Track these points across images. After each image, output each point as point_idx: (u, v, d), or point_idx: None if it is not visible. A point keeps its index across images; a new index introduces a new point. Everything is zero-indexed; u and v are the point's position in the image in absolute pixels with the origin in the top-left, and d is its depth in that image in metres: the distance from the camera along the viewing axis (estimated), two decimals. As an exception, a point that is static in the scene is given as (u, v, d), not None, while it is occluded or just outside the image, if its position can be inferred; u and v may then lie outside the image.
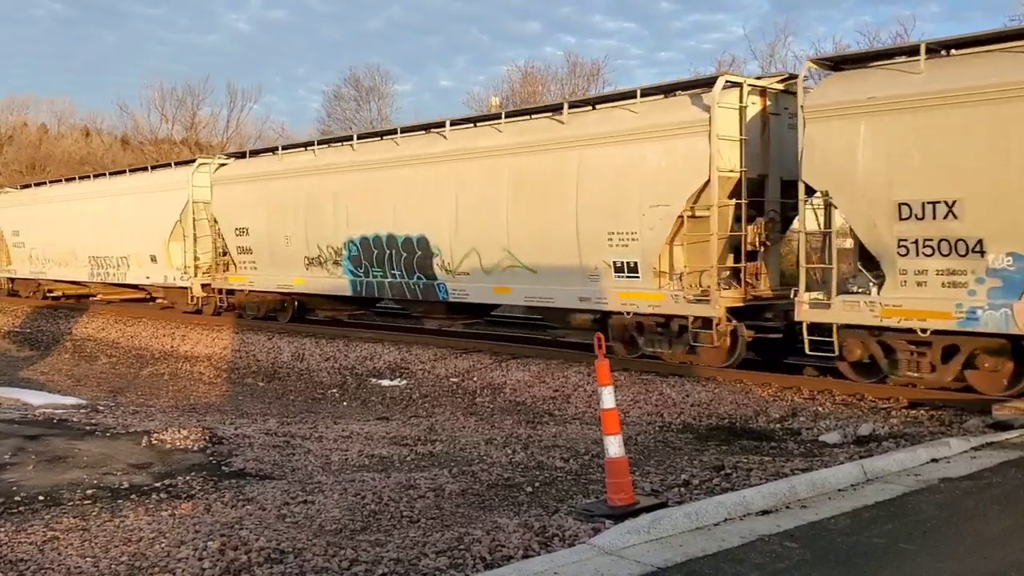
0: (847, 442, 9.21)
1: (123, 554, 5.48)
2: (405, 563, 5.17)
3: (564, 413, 12.26)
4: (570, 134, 14.21)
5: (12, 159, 57.26)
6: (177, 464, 8.23)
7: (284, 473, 8.02)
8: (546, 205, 14.45)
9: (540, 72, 47.04)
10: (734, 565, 4.73)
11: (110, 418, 11.13)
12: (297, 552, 5.40)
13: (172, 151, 51.91)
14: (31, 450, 8.56)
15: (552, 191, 14.35)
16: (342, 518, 6.29)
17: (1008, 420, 9.06)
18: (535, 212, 14.66)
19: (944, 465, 7.00)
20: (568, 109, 14.57)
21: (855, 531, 5.33)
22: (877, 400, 10.79)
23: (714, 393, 11.82)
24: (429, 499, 6.83)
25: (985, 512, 5.86)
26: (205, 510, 6.62)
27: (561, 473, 7.83)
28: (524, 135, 15.05)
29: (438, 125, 16.94)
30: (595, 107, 14.58)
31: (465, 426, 11.27)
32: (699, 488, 6.84)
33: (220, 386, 17.09)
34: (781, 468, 7.34)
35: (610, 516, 5.79)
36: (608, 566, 4.73)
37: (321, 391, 15.69)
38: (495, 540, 5.48)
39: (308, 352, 17.87)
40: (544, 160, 14.58)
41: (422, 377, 15.24)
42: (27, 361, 21.20)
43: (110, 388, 17.05)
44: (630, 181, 13.30)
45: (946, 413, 9.98)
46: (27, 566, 5.29)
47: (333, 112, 55.24)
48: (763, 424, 10.59)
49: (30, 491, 7.15)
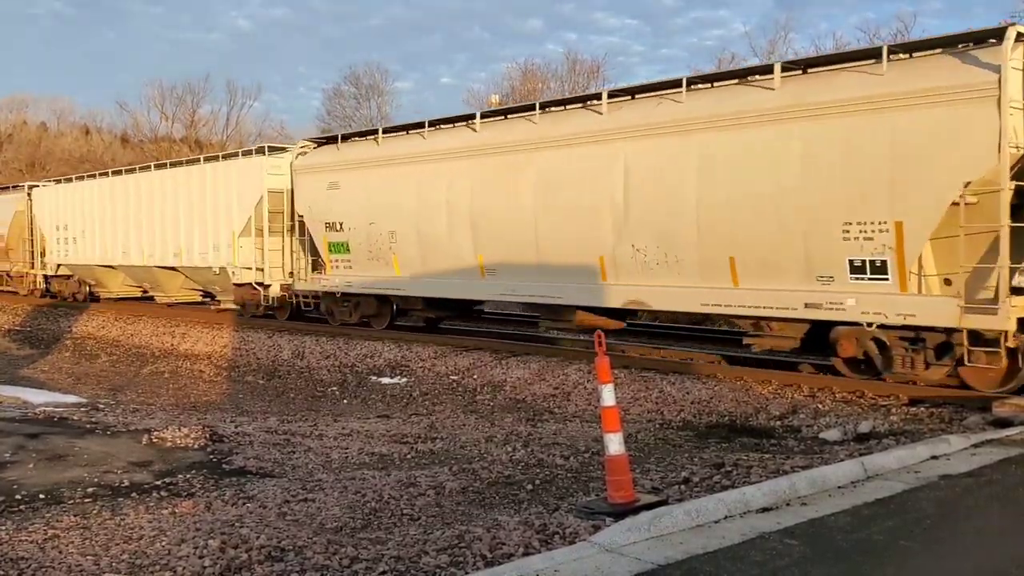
0: (847, 439, 9.21)
1: (124, 552, 5.49)
2: (406, 561, 5.17)
3: (564, 411, 12.27)
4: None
5: (12, 157, 57.25)
6: (178, 462, 8.24)
7: (284, 471, 8.03)
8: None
9: (540, 70, 47.09)
10: (734, 562, 4.74)
11: (111, 416, 11.14)
12: (298, 550, 5.41)
13: (172, 149, 51.93)
14: (32, 448, 8.56)
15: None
16: (343, 516, 6.29)
17: (1008, 417, 9.06)
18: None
19: (944, 462, 7.00)
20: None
21: (855, 528, 5.33)
22: (877, 397, 10.79)
23: (714, 391, 11.82)
24: (429, 497, 6.83)
25: (985, 509, 5.86)
26: (206, 508, 6.63)
27: (561, 471, 7.83)
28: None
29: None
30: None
31: (465, 424, 11.28)
32: (699, 486, 6.85)
33: (220, 384, 17.09)
34: (781, 465, 7.34)
35: (610, 514, 5.79)
36: (608, 564, 4.73)
37: (321, 389, 15.69)
38: (495, 538, 5.49)
39: (308, 350, 17.87)
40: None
41: (422, 375, 15.24)
42: (27, 359, 21.21)
43: (110, 386, 17.05)
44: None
45: (946, 410, 9.97)
46: (28, 564, 5.29)
47: (333, 110, 55.34)
48: (763, 421, 10.60)
49: (31, 489, 7.16)
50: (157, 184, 23.61)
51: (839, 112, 10.86)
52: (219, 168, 21.77)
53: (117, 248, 25.01)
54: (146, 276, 24.75)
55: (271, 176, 19.98)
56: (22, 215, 30.04)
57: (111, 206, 25.34)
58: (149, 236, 23.57)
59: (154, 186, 23.71)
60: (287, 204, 19.87)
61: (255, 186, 20.17)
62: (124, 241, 24.65)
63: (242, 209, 20.43)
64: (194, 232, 21.89)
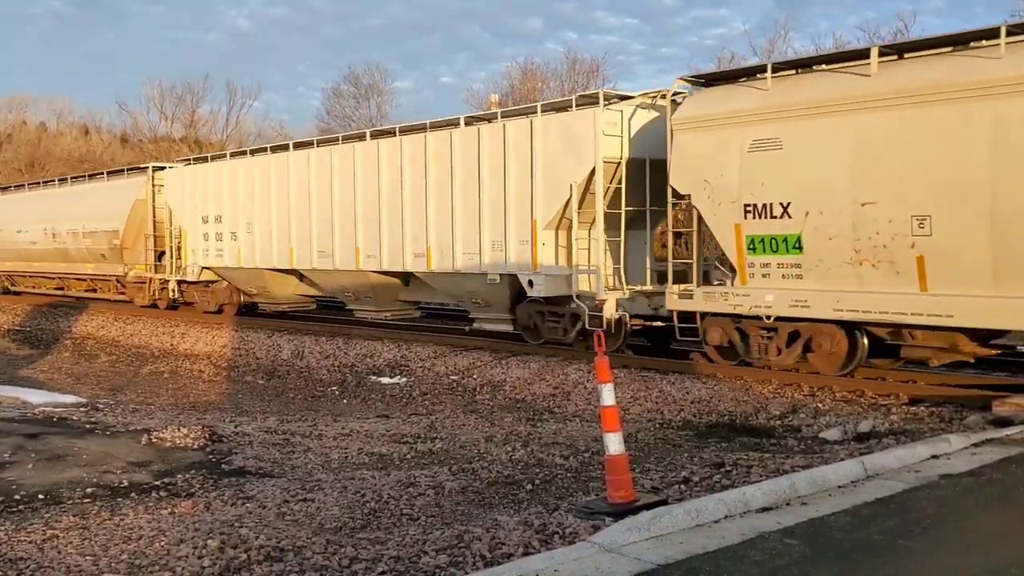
0: (847, 439, 9.21)
1: (123, 552, 5.48)
2: (405, 561, 5.16)
3: (564, 410, 12.26)
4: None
5: (11, 157, 57.24)
6: (177, 462, 8.23)
7: (284, 471, 8.02)
8: None
9: (540, 69, 47.06)
10: (734, 562, 4.73)
11: (110, 416, 11.13)
12: (297, 550, 5.40)
13: (172, 149, 51.91)
14: (31, 448, 8.55)
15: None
16: (342, 516, 6.28)
17: (1008, 416, 9.05)
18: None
19: (944, 461, 6.99)
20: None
21: (855, 528, 5.33)
22: (877, 397, 10.78)
23: (714, 390, 11.81)
24: (429, 497, 6.83)
25: (985, 508, 5.85)
26: (205, 508, 6.62)
27: (561, 470, 7.83)
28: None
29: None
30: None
31: (465, 424, 11.27)
32: (699, 485, 6.84)
33: (220, 384, 17.08)
34: (781, 465, 7.34)
35: (610, 513, 5.78)
36: (608, 563, 4.72)
37: (321, 389, 15.68)
38: (495, 538, 5.48)
39: (308, 350, 17.85)
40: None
41: (422, 375, 15.23)
42: (27, 360, 21.18)
43: (110, 386, 17.04)
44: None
45: (946, 410, 9.97)
46: (27, 564, 5.28)
47: (333, 110, 55.31)
48: (763, 421, 10.59)
49: (30, 489, 7.15)
50: (383, 155, 16.87)
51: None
52: (509, 129, 14.77)
53: (307, 247, 18.61)
54: (352, 282, 18.22)
55: (607, 139, 13.43)
56: (143, 205, 23.58)
57: (296, 190, 18.86)
58: (368, 231, 17.18)
59: (374, 159, 17.01)
60: (625, 178, 13.52)
61: (580, 154, 13.61)
62: (321, 238, 18.28)
63: (554, 188, 13.98)
64: (455, 225, 15.51)
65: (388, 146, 16.87)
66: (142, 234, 23.53)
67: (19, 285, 31.14)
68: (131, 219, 23.66)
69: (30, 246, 28.49)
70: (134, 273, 23.92)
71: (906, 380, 10.94)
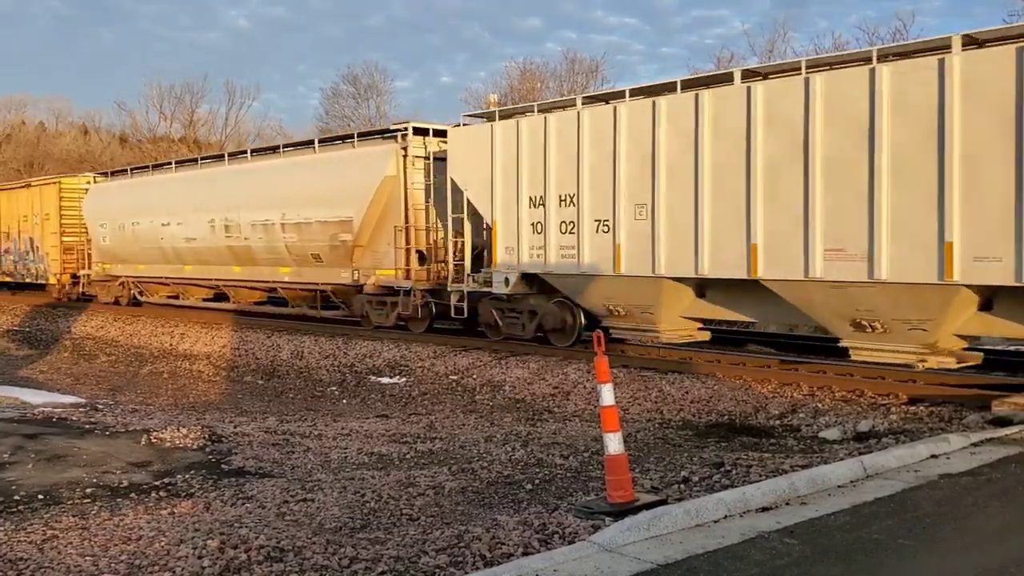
0: (847, 438, 9.21)
1: (122, 552, 5.48)
2: (405, 561, 5.16)
3: (564, 410, 12.26)
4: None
5: (10, 157, 57.24)
6: (176, 462, 8.23)
7: (283, 471, 8.02)
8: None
9: (539, 69, 47.05)
10: (734, 562, 4.73)
11: (109, 417, 11.12)
12: (297, 550, 5.40)
13: (171, 149, 51.90)
14: (30, 449, 8.55)
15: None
16: (342, 516, 6.28)
17: (1008, 416, 9.06)
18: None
19: (944, 461, 7.00)
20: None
21: (855, 527, 5.33)
22: (876, 396, 10.79)
23: (713, 390, 11.81)
24: (429, 497, 6.83)
25: (985, 508, 5.86)
26: (204, 508, 6.62)
27: (561, 470, 7.83)
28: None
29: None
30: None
31: (465, 424, 11.27)
32: (699, 485, 6.84)
33: (219, 384, 17.07)
34: (781, 465, 7.34)
35: (610, 513, 5.78)
36: (608, 563, 4.72)
37: (320, 389, 15.68)
38: (495, 538, 5.48)
39: (307, 350, 17.85)
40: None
41: (421, 375, 15.23)
42: (26, 360, 21.18)
43: (109, 387, 17.03)
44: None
45: (945, 409, 9.97)
46: (26, 565, 5.28)
47: (332, 109, 55.31)
48: (763, 421, 10.60)
49: (29, 490, 7.15)
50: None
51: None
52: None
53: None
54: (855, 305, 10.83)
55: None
56: (393, 183, 17.04)
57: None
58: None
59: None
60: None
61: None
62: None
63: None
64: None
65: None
66: (388, 226, 17.16)
67: (152, 295, 24.75)
68: (373, 205, 17.19)
69: (183, 244, 22.12)
70: (374, 281, 17.64)
71: (905, 380, 10.95)
